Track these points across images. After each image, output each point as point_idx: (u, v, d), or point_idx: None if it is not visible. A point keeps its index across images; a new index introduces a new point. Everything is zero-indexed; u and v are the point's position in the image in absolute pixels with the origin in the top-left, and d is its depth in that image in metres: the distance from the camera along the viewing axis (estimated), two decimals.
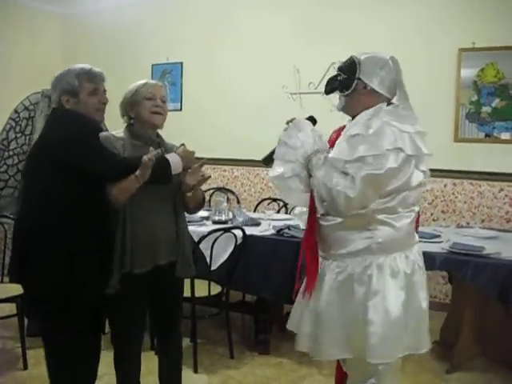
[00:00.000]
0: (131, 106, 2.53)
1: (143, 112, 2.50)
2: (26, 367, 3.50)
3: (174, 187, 2.53)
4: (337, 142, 2.19)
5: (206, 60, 5.89)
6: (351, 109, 2.26)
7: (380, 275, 2.12)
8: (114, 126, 2.64)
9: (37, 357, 3.50)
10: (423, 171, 2.19)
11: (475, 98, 4.62)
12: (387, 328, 2.09)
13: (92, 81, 2.36)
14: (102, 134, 2.53)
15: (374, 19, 4.94)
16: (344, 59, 2.27)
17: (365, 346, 2.11)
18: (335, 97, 2.35)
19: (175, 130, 2.43)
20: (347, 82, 2.21)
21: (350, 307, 2.15)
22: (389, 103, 2.20)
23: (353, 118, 2.27)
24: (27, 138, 3.97)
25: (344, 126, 2.30)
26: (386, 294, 2.10)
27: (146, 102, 2.51)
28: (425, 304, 2.22)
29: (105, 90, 2.43)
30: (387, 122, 2.08)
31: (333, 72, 4.29)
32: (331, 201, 2.07)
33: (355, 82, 2.19)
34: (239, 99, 5.68)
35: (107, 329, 2.61)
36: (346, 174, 2.05)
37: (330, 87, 2.31)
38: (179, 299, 2.75)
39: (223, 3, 5.78)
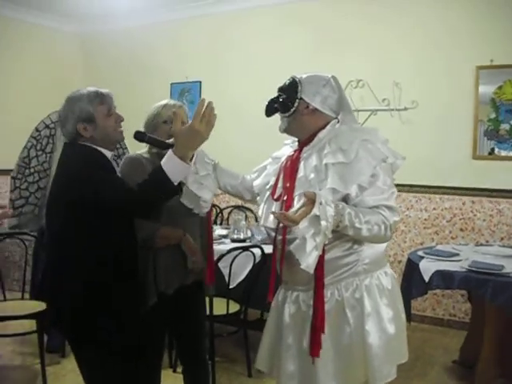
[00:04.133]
0: (151, 129, 2.55)
1: (161, 136, 2.47)
2: None
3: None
4: (329, 179, 2.00)
5: (224, 78, 5.93)
6: (295, 130, 2.18)
7: (370, 297, 2.06)
8: (133, 145, 2.64)
9: (56, 373, 3.52)
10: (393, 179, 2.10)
11: (493, 115, 4.60)
12: (386, 348, 2.04)
13: (104, 102, 2.22)
14: (131, 156, 2.57)
15: (393, 36, 4.95)
16: (363, 76, 2.19)
17: (365, 371, 2.05)
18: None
19: None
20: (288, 103, 2.12)
21: (344, 335, 2.05)
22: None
23: (300, 141, 2.19)
24: (48, 155, 4.03)
25: (298, 152, 2.18)
26: (379, 314, 2.05)
27: (164, 125, 2.54)
28: (404, 315, 2.20)
29: (115, 107, 2.30)
30: (364, 140, 2.01)
31: (350, 90, 4.36)
32: (379, 237, 1.98)
33: (297, 101, 2.10)
34: (257, 118, 5.63)
35: None
36: (375, 206, 1.95)
37: (272, 108, 2.19)
38: (203, 318, 2.80)
39: (242, 22, 5.82)
